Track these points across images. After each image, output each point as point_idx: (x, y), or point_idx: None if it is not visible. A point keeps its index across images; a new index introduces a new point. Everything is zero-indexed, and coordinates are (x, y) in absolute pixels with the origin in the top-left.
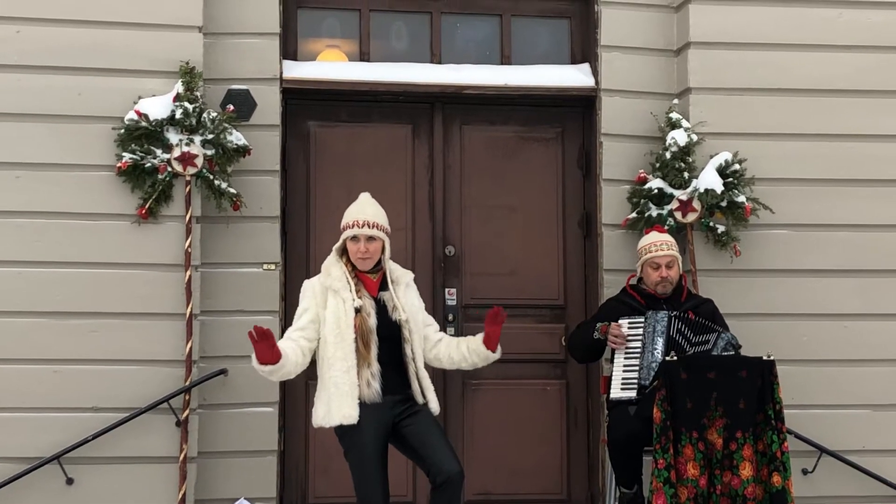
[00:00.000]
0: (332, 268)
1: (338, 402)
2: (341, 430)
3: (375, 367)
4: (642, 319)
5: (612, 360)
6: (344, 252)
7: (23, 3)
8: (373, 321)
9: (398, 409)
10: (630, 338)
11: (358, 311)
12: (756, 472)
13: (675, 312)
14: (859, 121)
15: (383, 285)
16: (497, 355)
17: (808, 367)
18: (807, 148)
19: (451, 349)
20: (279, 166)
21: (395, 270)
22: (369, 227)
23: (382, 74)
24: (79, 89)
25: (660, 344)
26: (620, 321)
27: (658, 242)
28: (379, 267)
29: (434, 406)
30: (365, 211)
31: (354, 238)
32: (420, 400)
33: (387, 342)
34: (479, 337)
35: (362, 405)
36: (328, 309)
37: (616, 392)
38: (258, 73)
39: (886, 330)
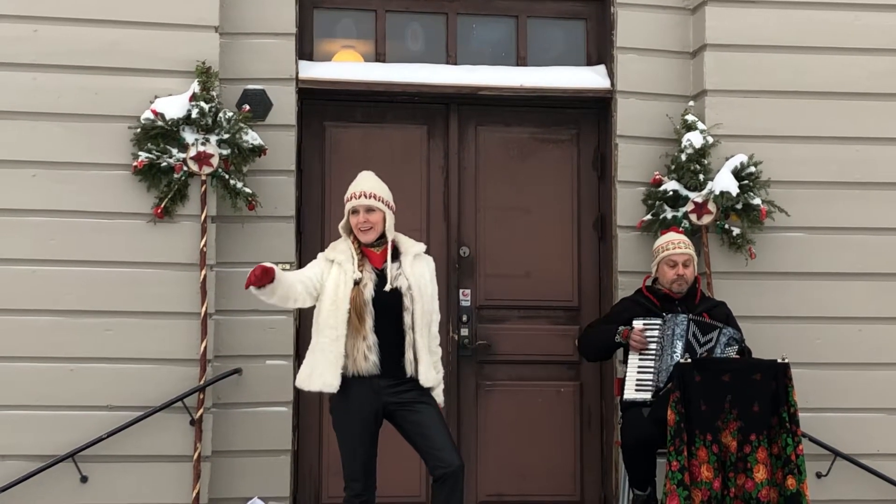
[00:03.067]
0: (339, 244)
1: (321, 369)
2: (332, 402)
3: (372, 338)
4: (658, 321)
5: (625, 362)
6: (351, 231)
7: (40, 2)
8: (369, 293)
9: (393, 390)
10: (647, 339)
11: (356, 283)
12: (770, 475)
13: (692, 316)
14: (875, 124)
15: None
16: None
17: (823, 371)
18: (823, 151)
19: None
20: (294, 166)
21: (404, 242)
22: (366, 197)
23: (398, 75)
24: (95, 88)
25: (679, 348)
26: (635, 322)
27: (675, 241)
28: (383, 240)
29: (423, 379)
30: (363, 184)
31: (355, 211)
32: (409, 371)
33: (386, 313)
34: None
35: (357, 379)
36: (330, 277)
37: (630, 393)
38: (274, 74)
39: None
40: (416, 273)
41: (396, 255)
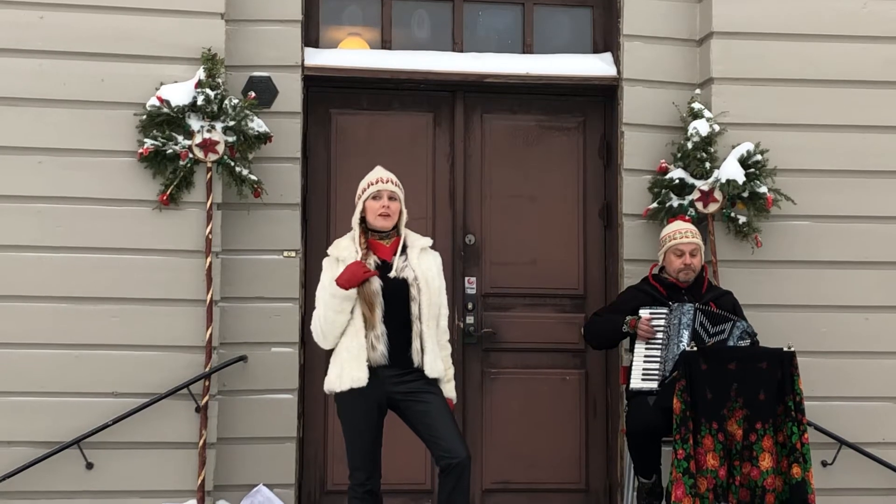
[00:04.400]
0: (342, 242)
1: (349, 366)
2: (338, 393)
3: (380, 329)
4: (665, 310)
5: (631, 350)
6: (360, 223)
7: None
8: (377, 284)
9: (399, 380)
10: (654, 328)
11: None
12: (776, 463)
13: (699, 305)
14: (882, 112)
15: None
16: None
17: (829, 359)
18: (829, 139)
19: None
20: (300, 154)
21: (411, 236)
22: (393, 183)
23: (404, 62)
24: (101, 75)
25: (685, 337)
26: (642, 311)
27: (683, 230)
28: (394, 232)
29: (428, 370)
30: (383, 173)
31: (377, 196)
32: (416, 362)
33: (393, 304)
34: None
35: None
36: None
37: (636, 382)
38: (280, 61)
39: None
40: (423, 266)
41: (403, 248)
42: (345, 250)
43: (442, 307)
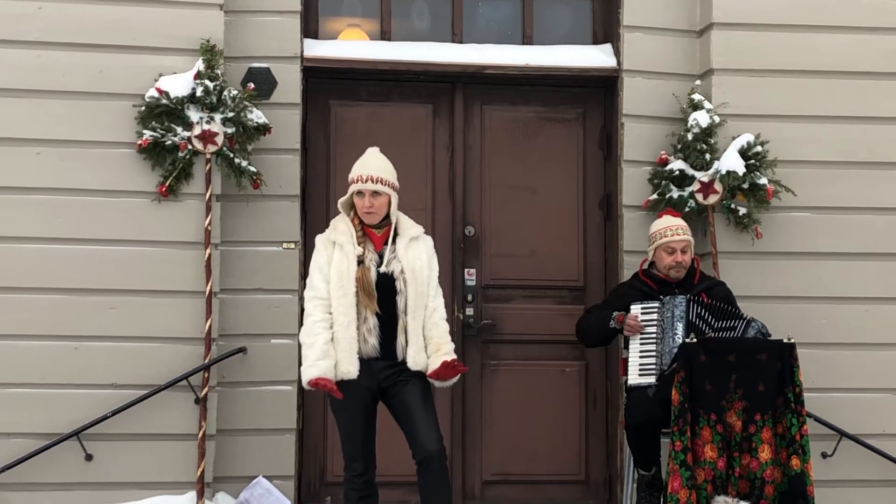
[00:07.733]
0: (339, 223)
1: (338, 358)
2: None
3: (372, 321)
4: (656, 305)
5: (626, 346)
6: (352, 207)
7: None
8: (373, 274)
9: (387, 373)
10: (645, 323)
11: (360, 262)
12: (775, 454)
13: (690, 296)
14: (883, 103)
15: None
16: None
17: (829, 351)
18: (830, 130)
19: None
20: (299, 145)
21: (403, 223)
22: (373, 181)
23: (403, 54)
24: (100, 66)
25: (680, 329)
26: (633, 307)
27: (673, 227)
28: (386, 222)
29: (411, 363)
30: (369, 166)
31: (360, 193)
32: (401, 355)
33: (383, 296)
34: (434, 363)
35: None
36: (332, 263)
37: (634, 378)
38: (279, 52)
39: None
40: (411, 256)
41: (394, 236)
42: (342, 235)
43: (430, 289)
